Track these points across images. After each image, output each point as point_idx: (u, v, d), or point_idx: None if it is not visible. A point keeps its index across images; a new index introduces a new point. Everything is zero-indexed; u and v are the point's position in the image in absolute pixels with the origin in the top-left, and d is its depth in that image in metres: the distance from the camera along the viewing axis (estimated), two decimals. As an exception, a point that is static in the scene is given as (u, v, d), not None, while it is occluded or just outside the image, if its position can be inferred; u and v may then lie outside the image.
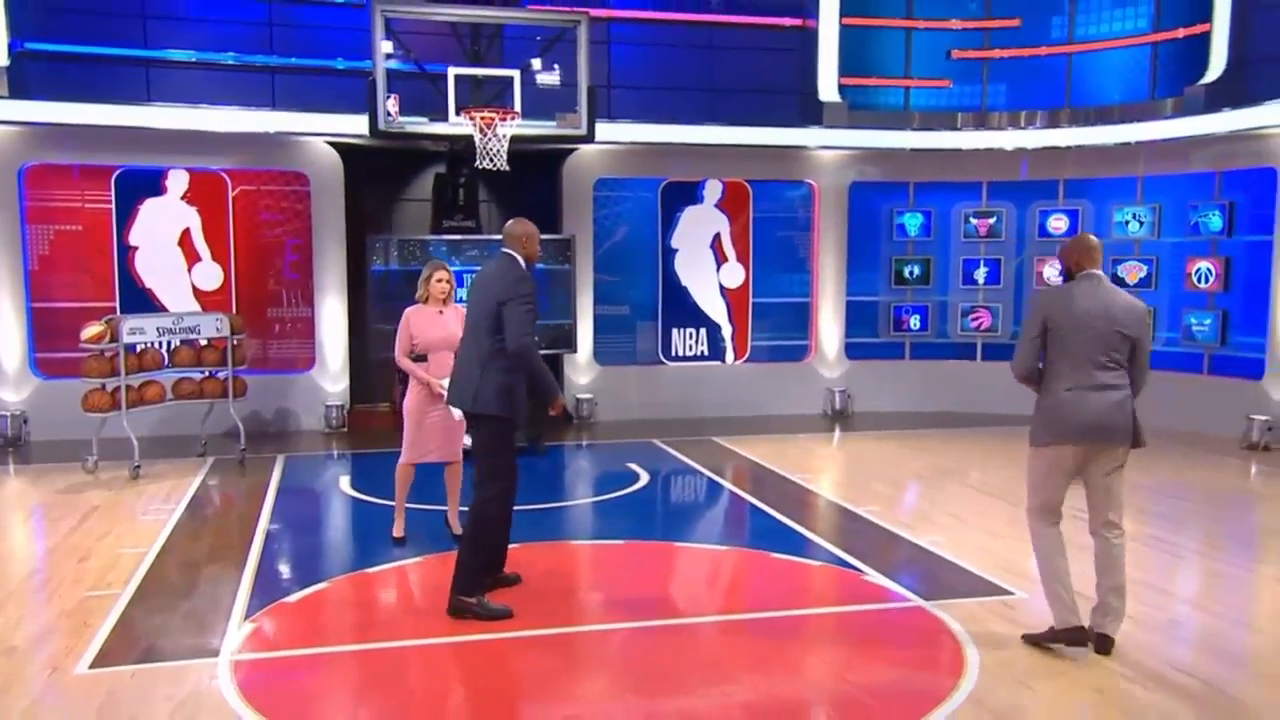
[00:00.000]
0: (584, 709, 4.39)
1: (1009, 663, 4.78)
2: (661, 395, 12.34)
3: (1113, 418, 4.86)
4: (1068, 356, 4.87)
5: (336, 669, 4.79)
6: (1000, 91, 13.11)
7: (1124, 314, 4.86)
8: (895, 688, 4.62)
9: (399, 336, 6.61)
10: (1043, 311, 4.94)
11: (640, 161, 12.13)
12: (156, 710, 4.23)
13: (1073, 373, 4.86)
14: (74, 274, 10.90)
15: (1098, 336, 4.82)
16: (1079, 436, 4.87)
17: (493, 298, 5.30)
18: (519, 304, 5.23)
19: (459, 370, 5.53)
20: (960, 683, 4.56)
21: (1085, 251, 5.01)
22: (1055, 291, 5.10)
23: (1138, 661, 4.81)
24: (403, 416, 6.71)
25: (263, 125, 10.87)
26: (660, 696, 4.48)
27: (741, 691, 4.48)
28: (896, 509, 7.84)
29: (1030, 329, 4.97)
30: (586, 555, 6.71)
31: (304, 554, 6.84)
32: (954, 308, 13.09)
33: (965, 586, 5.95)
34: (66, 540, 6.94)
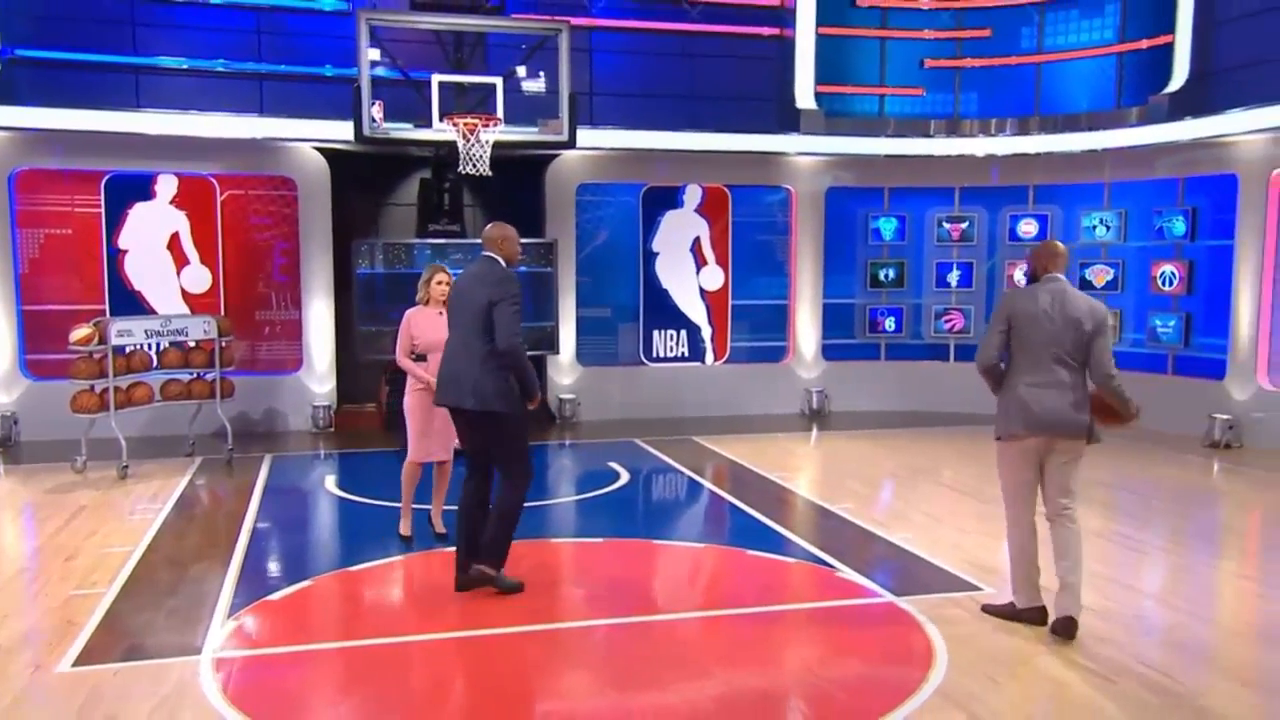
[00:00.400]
0: (559, 704, 4.37)
1: (976, 657, 4.77)
2: (643, 395, 12.32)
3: (1069, 413, 5.02)
4: (1028, 354, 5.05)
5: (318, 666, 4.75)
6: (972, 99, 13.16)
7: (1085, 316, 5.02)
8: (864, 681, 4.62)
9: (400, 337, 6.61)
10: (1008, 309, 5.13)
11: (622, 167, 12.11)
12: (137, 708, 4.17)
13: (1032, 369, 5.04)
14: (64, 277, 10.80)
15: (1057, 336, 4.99)
16: (1037, 429, 5.04)
17: (481, 299, 5.38)
18: (508, 304, 5.34)
19: (451, 370, 5.55)
20: (928, 676, 4.55)
21: (1051, 256, 5.19)
22: (1021, 292, 5.25)
23: (1102, 655, 4.82)
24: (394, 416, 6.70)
25: (251, 131, 10.80)
26: (633, 691, 4.46)
27: (713, 686, 4.46)
28: (870, 507, 7.84)
29: (996, 324, 5.15)
30: (566, 553, 6.67)
31: (289, 552, 6.79)
32: (928, 310, 13.12)
33: (936, 582, 5.95)
34: (53, 539, 6.87)
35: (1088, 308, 5.05)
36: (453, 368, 5.55)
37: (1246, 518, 8.00)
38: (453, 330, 5.64)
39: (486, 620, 5.38)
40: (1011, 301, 5.18)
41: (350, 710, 4.30)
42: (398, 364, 6.69)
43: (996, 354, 5.15)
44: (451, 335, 5.65)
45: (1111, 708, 4.27)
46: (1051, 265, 5.17)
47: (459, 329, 5.57)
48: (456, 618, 5.38)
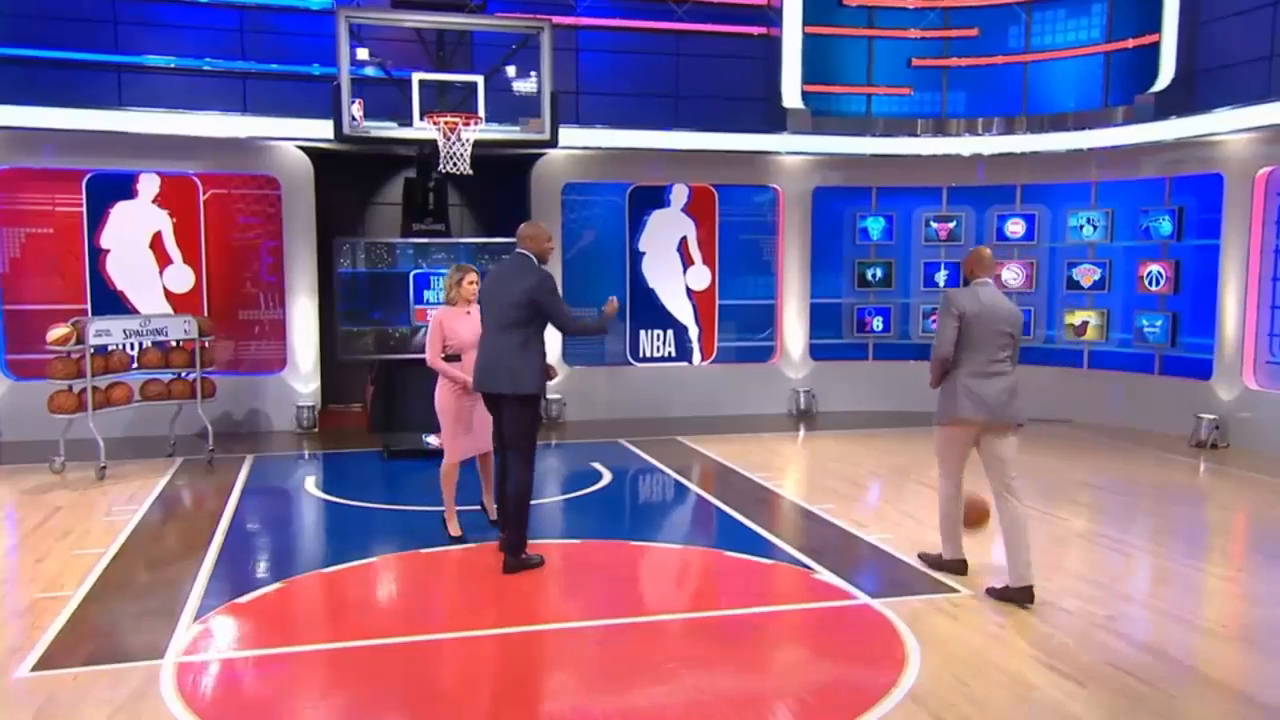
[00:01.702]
0: (526, 708, 4.29)
1: (949, 660, 4.71)
2: (629, 395, 12.25)
3: (1006, 399, 5.64)
4: (970, 348, 5.62)
5: (283, 670, 4.66)
6: (959, 99, 13.10)
7: (1010, 314, 5.68)
8: (835, 684, 4.55)
9: (431, 338, 6.63)
10: (958, 306, 5.63)
11: (608, 166, 12.04)
12: (94, 714, 4.09)
13: (972, 362, 5.62)
14: (45, 277, 10.72)
15: (994, 332, 5.60)
16: (981, 414, 5.62)
17: (517, 292, 5.90)
18: (553, 295, 5.95)
19: (489, 359, 5.98)
20: (900, 679, 4.48)
21: (980, 262, 5.82)
22: (963, 292, 5.74)
23: (1077, 657, 4.76)
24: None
25: (234, 130, 10.71)
26: (599, 694, 4.39)
27: (681, 689, 4.39)
28: (852, 507, 7.77)
29: (949, 320, 5.65)
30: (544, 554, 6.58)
31: (262, 555, 6.71)
32: (915, 309, 13.06)
33: (912, 584, 5.89)
34: (25, 541, 6.79)
35: (1011, 310, 5.72)
36: (490, 357, 5.99)
37: (1231, 519, 7.93)
38: (486, 322, 6.09)
39: (455, 624, 5.32)
40: (959, 300, 5.66)
41: (310, 715, 4.22)
42: (430, 365, 6.64)
43: (951, 346, 5.63)
44: (485, 327, 6.10)
45: (1079, 710, 4.20)
46: (980, 270, 5.78)
47: (494, 321, 6.01)
48: (426, 621, 5.31)
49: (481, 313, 6.22)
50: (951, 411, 5.71)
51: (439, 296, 9.63)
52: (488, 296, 6.15)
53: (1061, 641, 4.95)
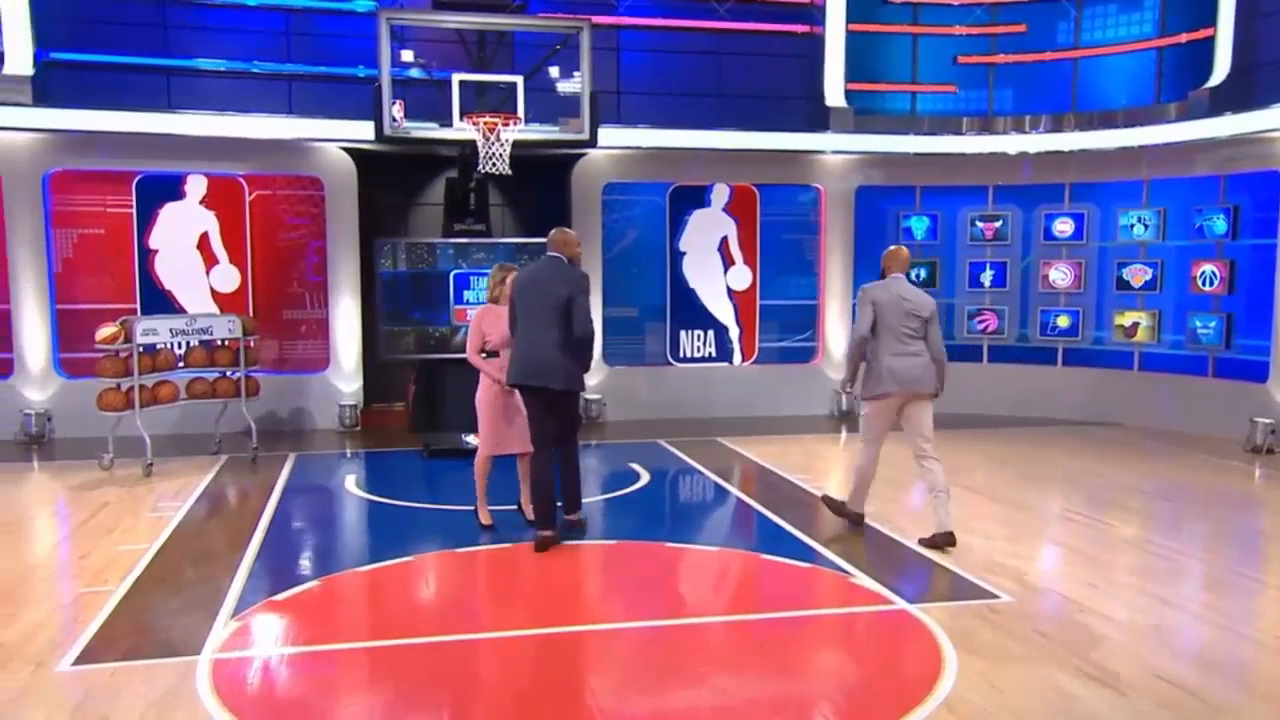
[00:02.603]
0: (558, 710, 4.27)
1: (987, 668, 4.60)
2: (669, 396, 12.21)
3: (922, 374, 6.56)
4: (888, 332, 6.54)
5: (316, 668, 4.68)
6: (1006, 96, 12.89)
7: (925, 304, 6.59)
8: (869, 690, 4.47)
9: (471, 335, 6.79)
10: (872, 298, 6.61)
11: (649, 166, 12.01)
12: (129, 709, 4.14)
13: (891, 344, 6.53)
14: (96, 277, 10.93)
15: (905, 315, 6.53)
16: (901, 388, 6.55)
17: (562, 293, 6.26)
18: (585, 297, 6.32)
19: (536, 356, 6.29)
20: (936, 686, 4.39)
21: (896, 259, 6.74)
22: (876, 285, 6.68)
23: (1121, 667, 4.63)
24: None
25: (279, 131, 10.84)
26: (634, 697, 4.35)
27: (714, 693, 4.34)
28: (891, 511, 7.64)
29: (866, 307, 6.60)
30: (576, 556, 6.56)
31: (301, 552, 6.76)
32: (960, 310, 12.87)
33: (952, 590, 5.78)
34: (72, 536, 6.93)
35: (924, 298, 6.61)
36: (537, 354, 6.29)
37: (1285, 526, 7.70)
38: (527, 320, 6.35)
39: (490, 624, 5.32)
40: (873, 292, 6.63)
41: (346, 715, 4.23)
42: (469, 361, 6.78)
43: (869, 329, 6.58)
44: (526, 325, 6.35)
45: (1124, 724, 4.09)
46: (895, 266, 6.70)
47: (538, 319, 6.30)
48: (461, 621, 5.32)
49: (517, 311, 6.41)
50: (876, 388, 6.61)
51: (480, 296, 9.67)
52: (525, 296, 6.40)
53: (1105, 650, 4.82)
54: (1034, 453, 10.16)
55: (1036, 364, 12.56)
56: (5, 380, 10.70)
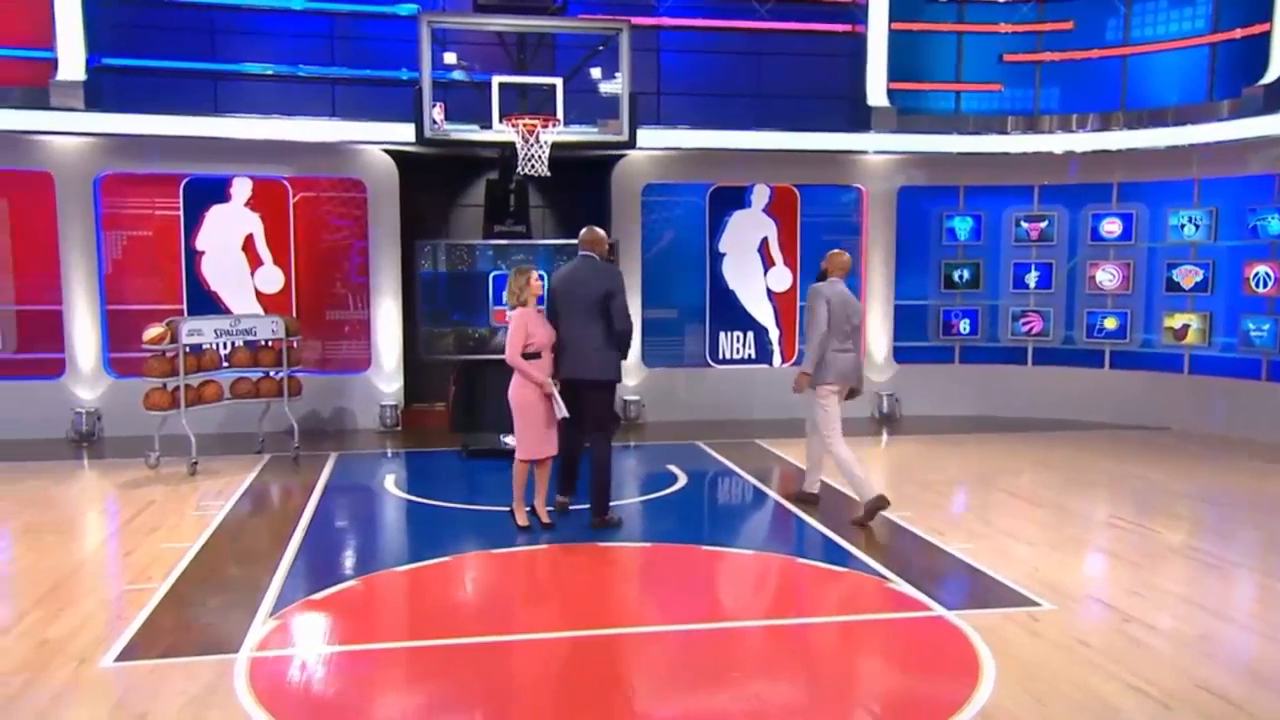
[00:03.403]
0: (590, 711, 4.27)
1: (1027, 677, 4.52)
2: (709, 397, 12.16)
3: (856, 371, 7.53)
4: (834, 328, 7.30)
5: (352, 668, 4.72)
6: (1053, 95, 12.68)
7: (856, 307, 7.50)
8: (903, 699, 4.42)
9: (513, 337, 6.72)
10: (825, 295, 7.35)
11: (689, 167, 11.99)
12: (167, 706, 4.20)
13: (834, 341, 7.32)
14: (145, 278, 11.14)
15: (845, 318, 7.36)
16: (844, 380, 7.40)
17: (599, 290, 6.75)
18: (622, 294, 6.85)
19: (578, 351, 6.77)
20: (972, 696, 4.33)
21: (839, 263, 7.57)
22: (825, 285, 7.43)
23: (1165, 678, 4.53)
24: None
25: (322, 134, 10.96)
26: (664, 700, 4.34)
27: (745, 697, 4.31)
28: (931, 515, 7.56)
29: (822, 304, 7.31)
30: (610, 557, 6.56)
31: (340, 552, 6.83)
32: (1004, 311, 12.69)
33: (991, 596, 5.70)
34: (118, 534, 7.07)
35: (856, 303, 7.54)
36: (579, 349, 6.77)
37: (1340, 534, 7.48)
38: (568, 317, 6.79)
39: (525, 625, 5.33)
40: (825, 290, 7.39)
41: (380, 714, 4.26)
42: (510, 363, 6.74)
43: (826, 324, 7.28)
44: (568, 322, 6.79)
45: (1167, 738, 4.00)
46: (837, 270, 7.52)
47: (578, 316, 6.78)
48: (498, 622, 5.34)
49: (558, 308, 6.82)
50: (825, 378, 7.36)
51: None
52: (566, 293, 6.85)
53: (1149, 661, 4.72)
54: (1079, 457, 9.99)
55: (1083, 366, 12.34)
56: (57, 380, 10.93)
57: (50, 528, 7.22)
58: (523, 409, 6.77)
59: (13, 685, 4.42)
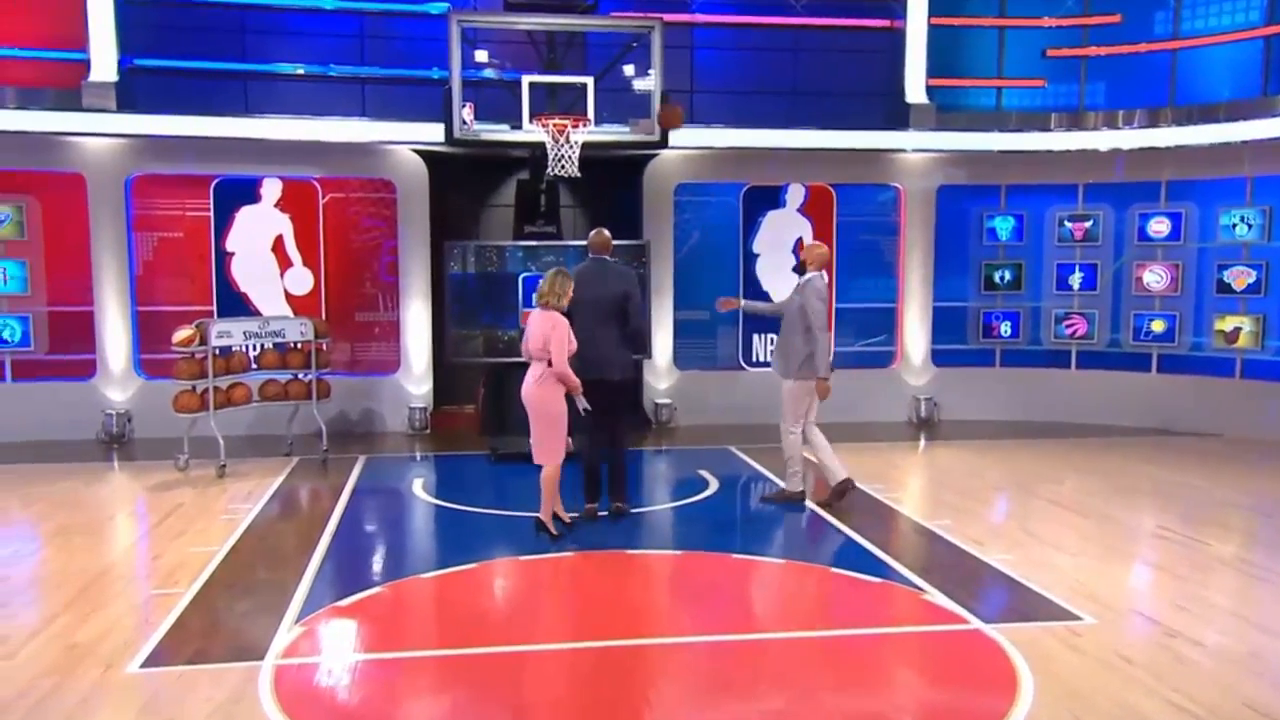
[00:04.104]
0: (612, 727, 4.28)
1: (1066, 694, 4.47)
2: (742, 401, 12.10)
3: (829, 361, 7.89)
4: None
5: (377, 676, 4.76)
6: (1099, 90, 12.52)
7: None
8: (939, 716, 4.38)
9: (564, 342, 6.66)
10: (820, 292, 7.71)
11: (722, 166, 11.97)
12: (193, 713, 4.26)
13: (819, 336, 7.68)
14: (175, 279, 11.30)
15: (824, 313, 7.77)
16: (825, 373, 7.77)
17: (618, 292, 7.19)
18: (639, 295, 7.39)
19: (601, 353, 7.09)
20: (1009, 713, 4.28)
21: (816, 255, 7.91)
22: (818, 280, 7.76)
23: (1210, 696, 4.45)
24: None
25: (352, 134, 11.06)
26: (697, 714, 4.33)
27: (775, 711, 4.29)
28: (970, 524, 7.49)
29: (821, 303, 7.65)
30: (639, 565, 6.58)
31: (367, 557, 6.89)
32: (1047, 314, 12.55)
33: (1031, 609, 5.63)
34: (147, 537, 7.18)
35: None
36: (602, 350, 7.09)
37: (1398, 547, 7.32)
38: (587, 319, 7.01)
39: (554, 634, 5.35)
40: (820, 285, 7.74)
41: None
42: (559, 369, 6.67)
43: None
44: (587, 324, 6.99)
45: (1212, 760, 3.93)
46: (820, 263, 7.85)
47: (598, 318, 7.10)
48: (525, 630, 5.36)
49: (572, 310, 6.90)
50: (806, 370, 7.68)
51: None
52: (592, 297, 7.12)
53: (1194, 679, 4.65)
54: (1125, 464, 9.85)
55: (1129, 370, 12.16)
56: (88, 381, 11.11)
57: (80, 529, 7.35)
58: (559, 414, 6.76)
59: (42, 688, 4.51)
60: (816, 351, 7.67)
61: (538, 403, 6.75)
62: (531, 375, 6.77)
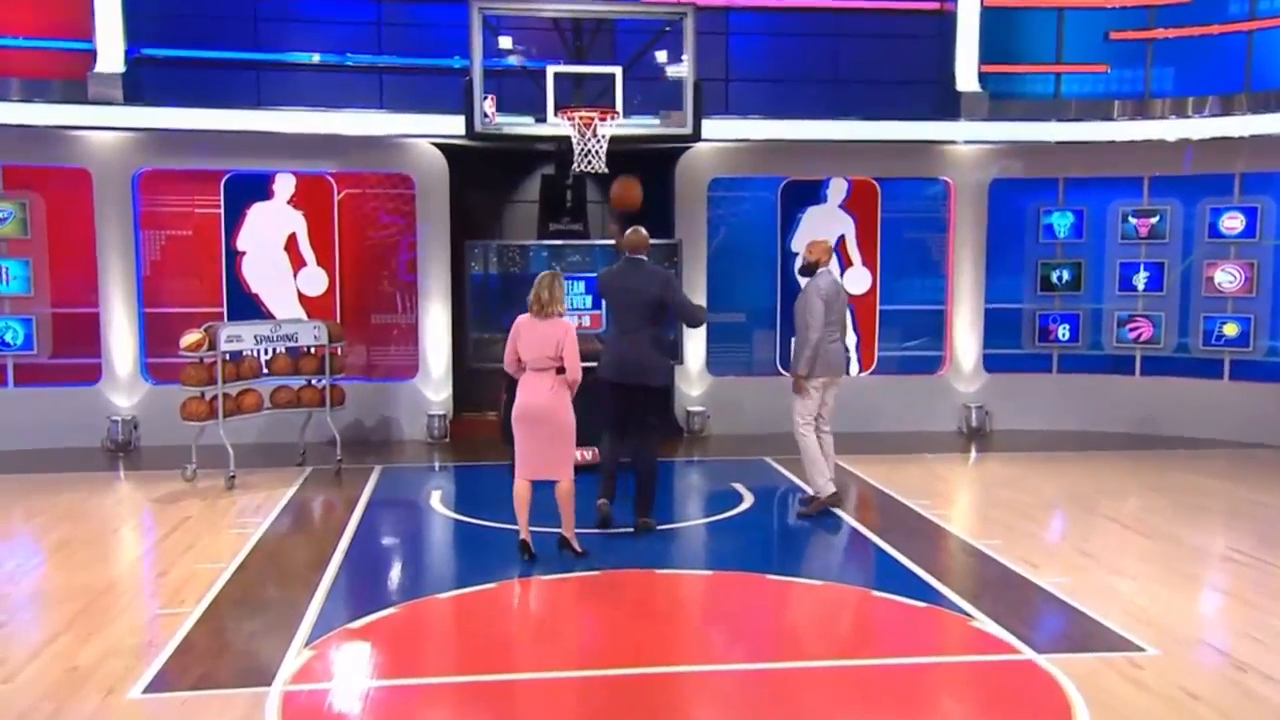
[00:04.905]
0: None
1: (1124, 734, 4.41)
2: (779, 408, 11.92)
3: (843, 361, 8.33)
4: (828, 323, 7.91)
5: (389, 704, 4.79)
6: (1166, 76, 12.36)
7: (845, 296, 8.45)
8: (987, 756, 4.34)
9: (577, 349, 6.68)
10: (821, 293, 7.93)
11: (759, 159, 11.95)
12: (197, 741, 4.32)
13: (829, 333, 7.94)
14: (184, 279, 11.44)
15: (839, 309, 8.11)
16: (834, 372, 8.07)
17: (653, 293, 7.31)
18: (678, 291, 7.60)
19: (632, 355, 7.26)
20: (1063, 754, 4.24)
21: (822, 250, 8.16)
22: (820, 279, 8.02)
23: (1277, 737, 4.38)
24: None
25: (369, 127, 11.15)
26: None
27: (811, 752, 4.28)
28: (1023, 544, 7.41)
29: (818, 305, 7.88)
30: (667, 586, 6.56)
31: (381, 575, 6.93)
32: (1109, 316, 12.42)
33: (1088, 639, 5.55)
34: (152, 551, 7.27)
35: (845, 292, 8.46)
36: (633, 353, 7.26)
37: None
38: (619, 321, 7.38)
39: (579, 660, 5.35)
40: (823, 285, 7.97)
41: (413, 755, 4.32)
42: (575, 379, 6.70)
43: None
44: (619, 326, 7.38)
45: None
46: (827, 259, 8.12)
47: (629, 320, 7.32)
48: (548, 656, 5.38)
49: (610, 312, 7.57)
50: (824, 371, 7.98)
51: (574, 303, 9.80)
52: (615, 298, 7.51)
53: (1266, 717, 4.57)
54: (1194, 480, 9.72)
55: (1198, 377, 12.00)
56: (93, 386, 11.27)
57: (84, 543, 7.46)
58: (572, 424, 6.76)
59: (41, 714, 4.57)
60: (803, 348, 7.94)
61: (550, 414, 6.69)
62: (540, 385, 6.68)
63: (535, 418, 6.72)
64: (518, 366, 6.79)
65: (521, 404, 6.75)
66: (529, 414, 6.73)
